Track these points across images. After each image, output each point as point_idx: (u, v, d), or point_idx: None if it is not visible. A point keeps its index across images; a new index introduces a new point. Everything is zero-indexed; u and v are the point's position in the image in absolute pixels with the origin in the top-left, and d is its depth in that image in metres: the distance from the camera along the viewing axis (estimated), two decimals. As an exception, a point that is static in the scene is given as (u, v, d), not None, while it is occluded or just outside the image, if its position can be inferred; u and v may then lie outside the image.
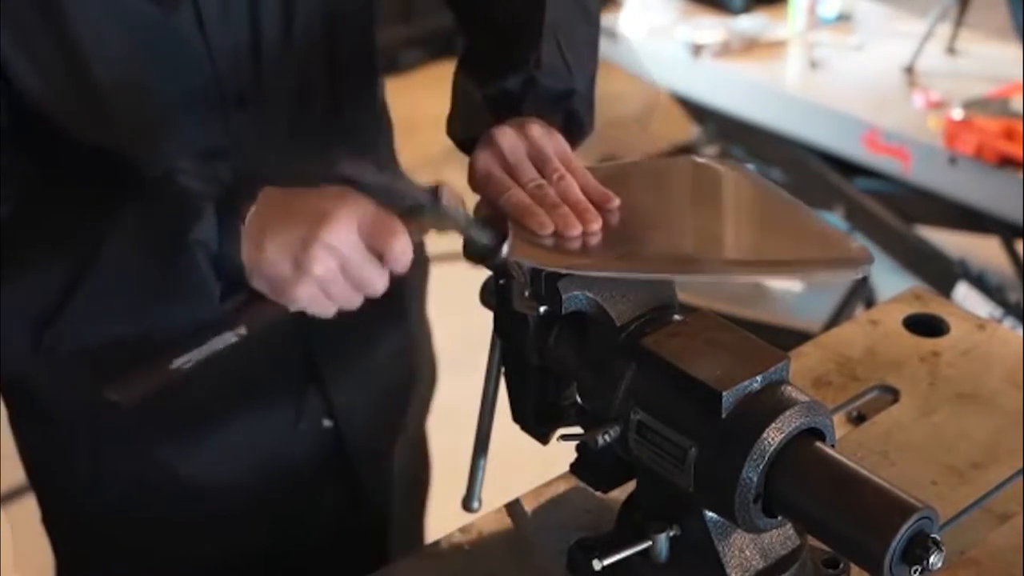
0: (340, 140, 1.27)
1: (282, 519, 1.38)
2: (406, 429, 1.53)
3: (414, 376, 1.53)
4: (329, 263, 1.00)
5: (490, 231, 1.06)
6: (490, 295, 1.13)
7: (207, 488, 1.31)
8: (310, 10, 1.18)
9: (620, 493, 1.13)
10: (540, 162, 1.09)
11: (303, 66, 1.20)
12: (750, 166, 1.23)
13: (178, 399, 1.27)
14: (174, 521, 1.34)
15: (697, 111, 3.83)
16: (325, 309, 1.04)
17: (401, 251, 1.01)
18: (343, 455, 1.38)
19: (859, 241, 1.12)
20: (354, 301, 1.04)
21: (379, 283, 1.03)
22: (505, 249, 1.05)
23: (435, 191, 1.03)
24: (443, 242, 1.15)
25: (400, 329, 1.45)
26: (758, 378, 0.98)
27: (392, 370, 1.44)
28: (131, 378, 1.09)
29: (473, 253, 1.08)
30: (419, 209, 1.03)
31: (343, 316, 1.30)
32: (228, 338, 1.07)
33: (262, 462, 1.33)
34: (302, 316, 1.25)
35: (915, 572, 0.90)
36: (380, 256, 1.01)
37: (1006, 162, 3.00)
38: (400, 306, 1.44)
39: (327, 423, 1.35)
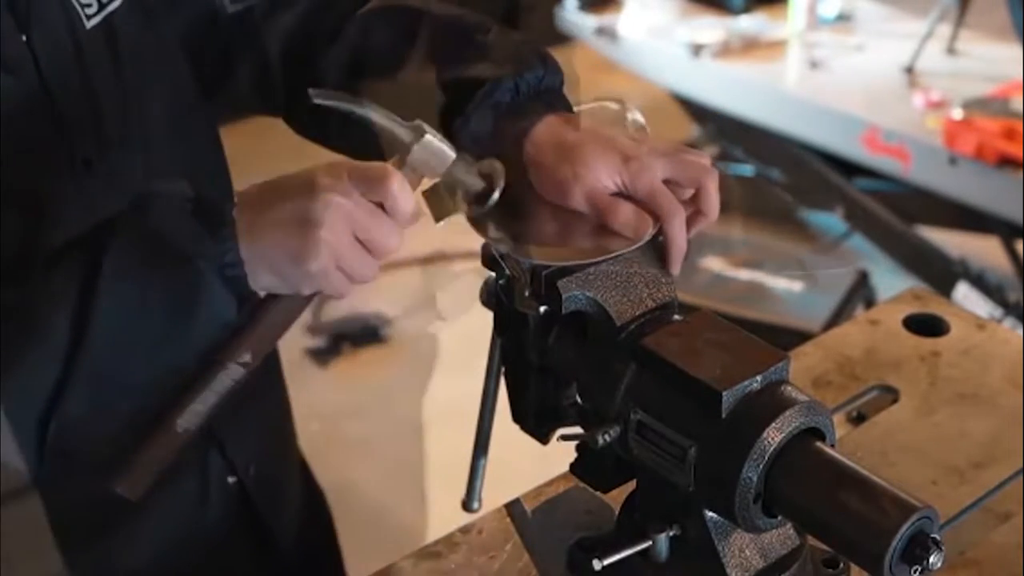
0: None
1: None
2: (292, 462, 1.50)
3: (285, 405, 1.48)
4: (335, 224, 0.95)
5: (480, 175, 1.02)
6: (490, 295, 1.13)
7: (130, 571, 1.25)
8: (143, 79, 1.15)
9: (620, 493, 1.13)
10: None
11: (145, 137, 1.16)
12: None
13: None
14: None
15: (697, 111, 3.83)
16: (342, 286, 0.98)
17: (399, 191, 0.96)
18: (251, 508, 1.34)
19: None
20: (371, 268, 0.98)
21: (391, 238, 0.98)
22: (496, 195, 1.00)
23: (417, 126, 0.99)
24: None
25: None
26: (758, 378, 0.97)
27: (271, 409, 1.40)
28: (135, 461, 0.98)
29: (468, 202, 1.02)
30: (404, 148, 0.98)
31: None
32: (234, 372, 0.97)
33: (177, 535, 1.27)
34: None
35: (915, 572, 0.90)
36: (381, 207, 0.97)
37: (1006, 162, 3.01)
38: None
39: (231, 480, 1.30)
